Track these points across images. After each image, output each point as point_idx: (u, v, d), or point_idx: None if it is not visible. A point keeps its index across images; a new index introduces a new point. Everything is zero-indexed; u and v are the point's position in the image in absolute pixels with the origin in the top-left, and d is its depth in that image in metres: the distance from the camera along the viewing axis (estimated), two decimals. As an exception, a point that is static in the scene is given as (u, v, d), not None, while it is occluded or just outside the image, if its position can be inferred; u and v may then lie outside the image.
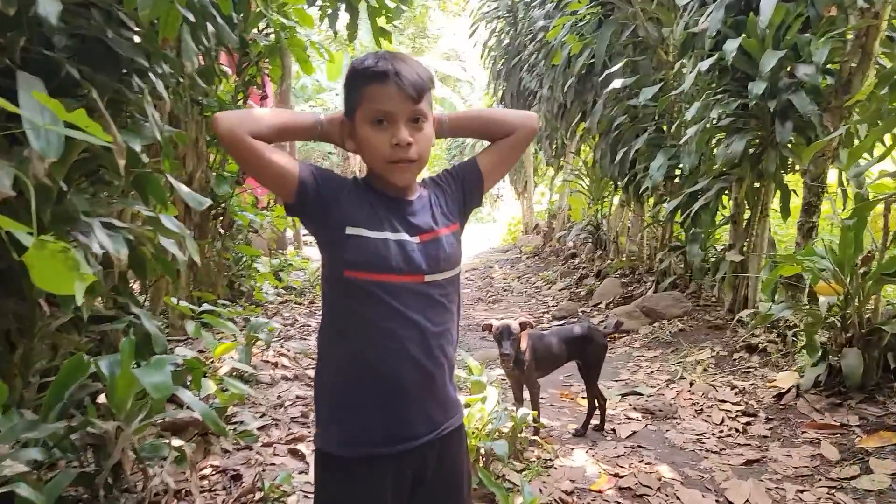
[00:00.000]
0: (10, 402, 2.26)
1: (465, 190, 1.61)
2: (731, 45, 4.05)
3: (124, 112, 2.94)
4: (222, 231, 5.85)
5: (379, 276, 1.39)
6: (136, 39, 2.79)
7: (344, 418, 1.43)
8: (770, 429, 3.53)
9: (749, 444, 3.37)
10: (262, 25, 5.64)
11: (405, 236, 1.43)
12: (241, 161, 1.38)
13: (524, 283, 9.40)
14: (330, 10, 4.18)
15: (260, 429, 3.38)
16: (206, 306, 4.08)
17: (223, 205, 5.67)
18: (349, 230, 1.39)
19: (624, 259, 7.75)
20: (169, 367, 3.01)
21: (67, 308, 2.54)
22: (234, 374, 3.83)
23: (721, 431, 3.54)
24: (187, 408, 2.80)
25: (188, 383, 3.20)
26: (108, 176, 2.88)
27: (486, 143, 1.66)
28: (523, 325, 3.21)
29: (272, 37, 5.61)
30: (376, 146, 1.40)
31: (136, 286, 4.04)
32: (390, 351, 1.40)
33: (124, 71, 2.69)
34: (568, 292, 7.87)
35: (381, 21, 4.32)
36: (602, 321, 6.23)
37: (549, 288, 8.47)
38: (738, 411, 3.77)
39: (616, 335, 5.67)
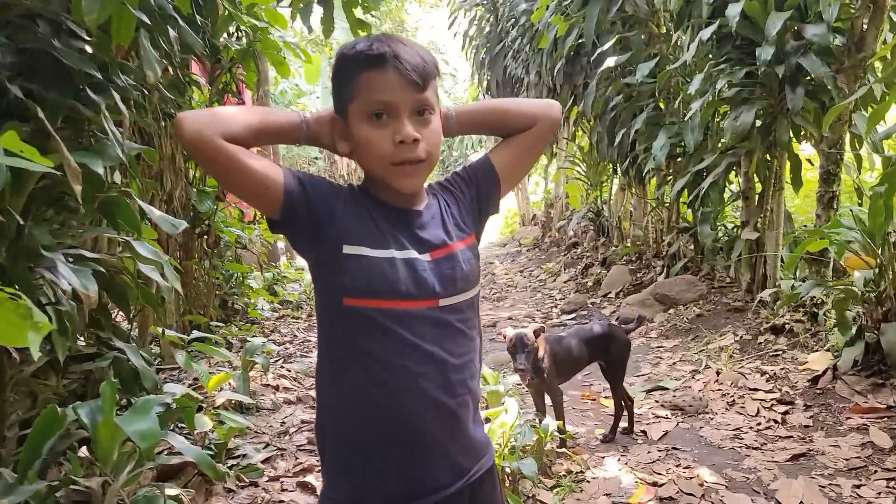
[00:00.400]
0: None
1: (479, 195, 1.35)
2: (734, 10, 3.79)
3: (86, 131, 2.67)
4: (209, 249, 5.57)
5: (386, 302, 1.15)
6: (90, 50, 2.52)
7: (355, 471, 1.20)
8: (811, 417, 3.28)
9: (791, 437, 3.12)
10: (232, 29, 5.36)
11: (414, 254, 1.20)
12: (212, 170, 1.13)
13: (527, 276, 9.15)
14: (302, 5, 3.90)
15: (265, 461, 3.12)
16: (196, 333, 3.81)
17: (207, 222, 5.39)
18: (347, 249, 1.15)
19: (629, 245, 7.49)
20: (157, 407, 2.76)
21: (37, 352, 2.26)
22: (232, 404, 3.58)
23: (758, 424, 3.29)
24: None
25: (181, 423, 2.94)
26: (74, 203, 2.61)
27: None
28: (537, 333, 2.96)
29: (244, 41, 5.33)
30: (376, 145, 1.16)
31: (123, 316, 3.77)
32: (404, 391, 1.17)
33: (81, 87, 2.42)
34: (574, 283, 7.62)
35: (359, 12, 4.05)
36: (614, 311, 5.99)
37: (554, 280, 8.22)
38: (773, 400, 3.52)
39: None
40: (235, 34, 5.42)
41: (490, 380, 3.68)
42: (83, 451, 2.37)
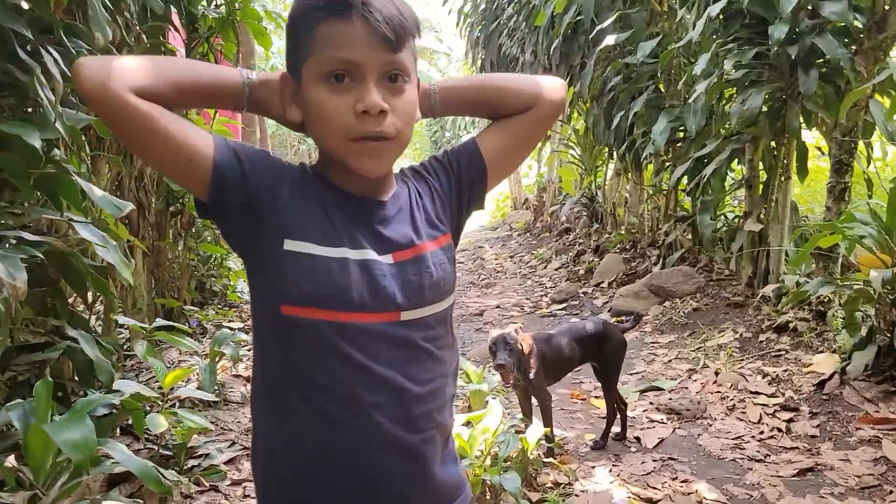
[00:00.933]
0: None
1: (461, 186, 1.10)
2: (747, -16, 3.51)
3: (31, 100, 2.38)
4: (183, 230, 5.29)
5: (332, 313, 0.92)
6: (26, 6, 2.23)
7: None
8: (817, 426, 3.06)
9: (797, 448, 2.90)
10: (211, -3, 5.04)
11: (372, 254, 0.96)
12: (121, 133, 0.88)
13: (517, 262, 8.90)
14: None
15: (228, 462, 2.88)
16: (159, 321, 3.54)
17: (182, 200, 5.10)
18: (289, 245, 0.92)
19: (623, 232, 7.25)
20: (102, 409, 2.51)
21: (-38, 350, 2.00)
22: (196, 400, 3.32)
23: (761, 433, 3.07)
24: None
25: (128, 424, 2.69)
26: (17, 181, 2.33)
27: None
28: (517, 331, 2.72)
29: (224, 9, 5.01)
30: (333, 114, 0.91)
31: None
32: (353, 427, 0.93)
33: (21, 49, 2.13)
34: (565, 271, 7.37)
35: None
36: (607, 302, 5.75)
37: (545, 267, 7.98)
38: (776, 405, 3.29)
39: (624, 319, 5.19)
40: (214, 2, 5.12)
41: (473, 377, 3.44)
42: (11, 460, 2.12)
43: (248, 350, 4.67)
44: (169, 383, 2.84)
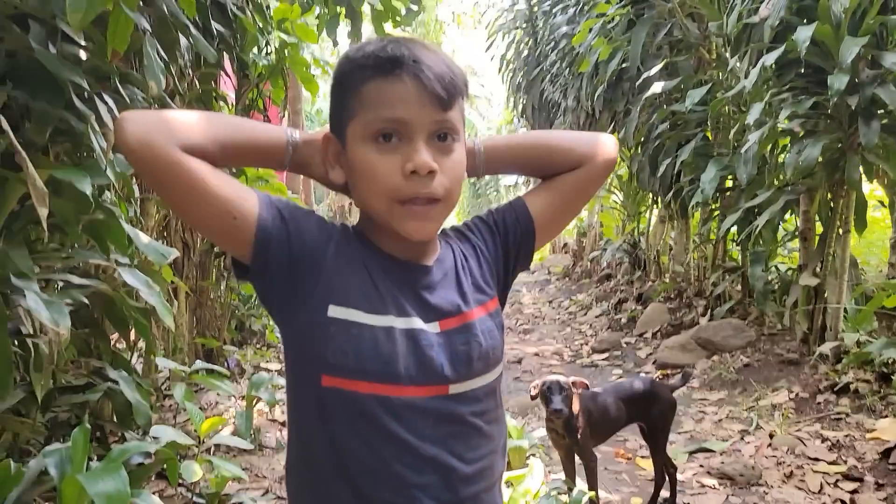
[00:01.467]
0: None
1: (508, 248, 1.05)
2: (804, 34, 3.42)
3: (83, 146, 2.42)
4: (226, 271, 5.33)
5: (378, 386, 0.87)
6: (84, 57, 2.27)
7: None
8: (884, 500, 2.85)
9: (863, 523, 2.71)
10: (262, 44, 5.16)
11: (419, 323, 0.90)
12: (165, 190, 0.84)
13: (556, 308, 8.76)
14: (329, 17, 3.64)
15: (262, 512, 2.81)
16: (199, 363, 3.53)
17: (226, 241, 5.15)
18: (333, 311, 0.86)
19: (668, 281, 7.07)
20: (137, 458, 2.48)
21: (5, 390, 1.99)
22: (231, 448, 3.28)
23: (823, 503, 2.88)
24: None
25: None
26: (67, 227, 2.36)
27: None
28: (577, 384, 2.59)
29: (273, 56, 5.12)
30: (380, 175, 0.86)
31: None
32: None
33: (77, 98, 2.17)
34: (606, 319, 7.21)
35: (388, 27, 3.78)
36: (651, 353, 5.57)
37: (585, 314, 7.82)
38: (837, 474, 3.09)
39: (670, 373, 5.01)
40: (265, 49, 5.24)
41: (513, 432, 3.32)
42: (45, 508, 2.08)
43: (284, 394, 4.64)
44: (205, 431, 2.80)
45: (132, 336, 2.91)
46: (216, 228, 0.86)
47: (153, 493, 2.38)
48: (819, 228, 4.43)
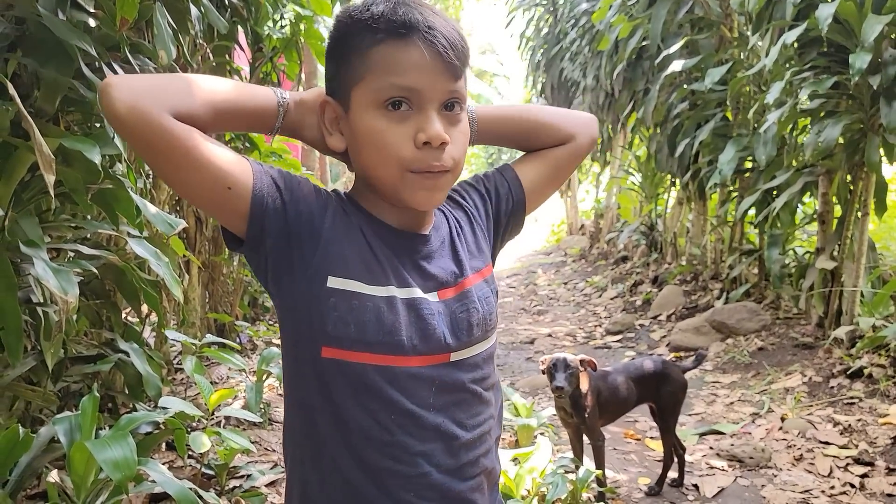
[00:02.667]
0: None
1: (499, 214, 1.04)
2: (826, 11, 3.34)
3: (93, 115, 2.42)
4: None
5: (381, 357, 0.86)
6: (93, 24, 2.27)
7: None
8: (895, 485, 2.82)
9: (872, 508, 2.68)
10: (277, 17, 5.13)
11: (419, 292, 0.89)
12: (155, 159, 0.80)
13: (571, 289, 8.71)
14: (343, -11, 3.60)
15: (269, 485, 2.84)
16: (210, 337, 3.56)
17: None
18: (333, 282, 0.85)
19: (684, 264, 7.00)
20: (146, 427, 2.51)
21: (16, 358, 2.02)
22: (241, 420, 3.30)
23: (832, 487, 2.85)
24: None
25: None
26: (75, 195, 2.37)
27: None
28: (585, 363, 2.57)
29: (287, 29, 5.08)
30: (391, 144, 0.84)
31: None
32: (401, 479, 0.87)
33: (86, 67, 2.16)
34: (621, 301, 7.16)
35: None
36: (665, 336, 5.54)
37: (600, 296, 7.78)
38: (848, 458, 3.06)
39: (683, 356, 4.98)
40: (279, 22, 5.20)
41: (522, 411, 3.32)
42: (53, 475, 2.11)
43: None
44: (214, 403, 2.82)
45: (144, 309, 2.93)
46: (210, 199, 0.83)
47: (163, 464, 2.41)
48: (838, 211, 4.35)
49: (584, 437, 2.75)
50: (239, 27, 4.16)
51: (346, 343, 0.84)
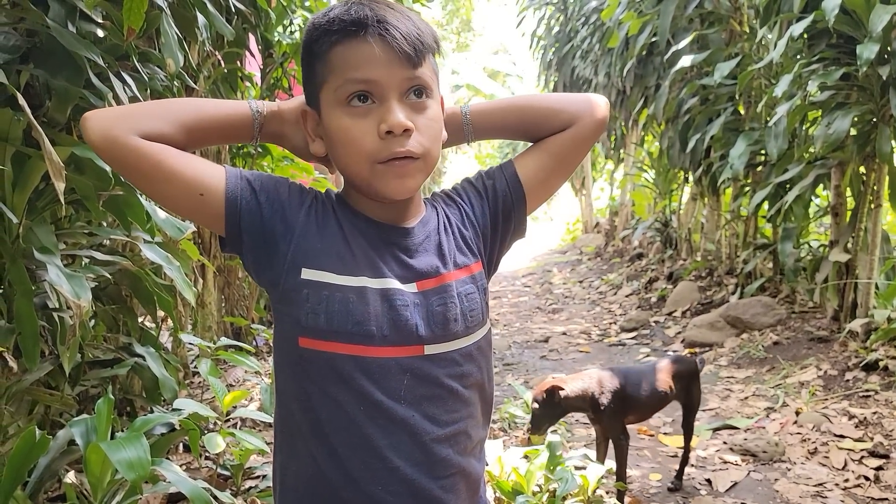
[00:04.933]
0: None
1: (497, 213, 1.03)
2: (833, 2, 3.32)
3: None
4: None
5: (351, 347, 0.88)
6: (101, 35, 2.32)
7: None
8: (911, 476, 2.80)
9: (887, 500, 2.66)
10: (286, 23, 5.18)
11: (394, 283, 0.91)
12: (131, 176, 0.89)
13: (587, 287, 8.70)
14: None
15: (282, 483, 2.87)
16: (225, 340, 3.61)
17: (253, 221, 5.22)
18: (306, 274, 0.89)
19: (699, 259, 6.97)
20: (160, 428, 2.55)
21: (32, 363, 2.07)
22: (255, 421, 3.35)
23: (846, 480, 2.83)
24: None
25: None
26: (87, 202, 2.42)
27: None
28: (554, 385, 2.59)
29: (297, 35, 5.14)
30: (357, 138, 0.87)
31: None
32: (370, 471, 0.88)
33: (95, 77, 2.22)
34: (636, 298, 7.14)
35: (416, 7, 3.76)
36: (680, 332, 5.52)
37: (615, 293, 7.75)
38: (863, 451, 3.04)
39: (698, 351, 4.96)
40: (289, 28, 5.25)
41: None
42: (71, 476, 2.17)
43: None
44: (228, 404, 2.86)
45: (160, 313, 2.99)
46: (186, 206, 0.89)
47: (180, 466, 2.46)
48: (851, 203, 4.32)
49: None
50: (249, 34, 4.21)
51: (318, 333, 0.87)
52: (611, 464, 2.69)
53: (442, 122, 0.95)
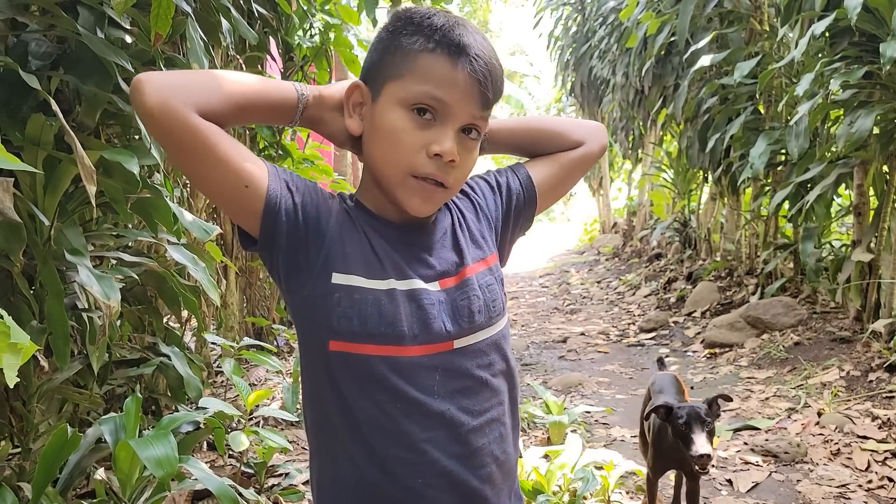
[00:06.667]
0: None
1: (510, 210, 1.08)
2: (855, 0, 3.29)
3: (132, 128, 2.52)
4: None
5: (383, 348, 0.90)
6: (129, 40, 2.36)
7: None
8: (935, 478, 2.78)
9: (911, 501, 2.64)
10: (306, 27, 5.23)
11: (419, 283, 0.93)
12: (179, 155, 0.85)
13: (604, 288, 8.67)
14: (368, -3, 3.66)
15: (307, 482, 2.91)
16: (247, 340, 3.66)
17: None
18: (337, 278, 0.90)
19: (719, 259, 6.92)
20: (187, 426, 2.59)
21: (63, 362, 2.11)
22: (277, 420, 3.40)
23: (869, 482, 2.81)
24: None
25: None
26: (116, 205, 2.47)
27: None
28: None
29: (317, 38, 5.18)
30: (405, 145, 0.89)
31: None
32: (409, 467, 0.90)
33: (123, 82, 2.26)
34: (655, 298, 7.11)
35: (426, 4, 3.79)
36: (699, 333, 5.49)
37: (633, 294, 7.73)
38: (886, 452, 3.02)
39: (717, 352, 4.94)
40: (309, 31, 5.30)
41: (553, 408, 3.35)
42: (101, 473, 2.21)
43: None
44: (252, 403, 2.91)
45: (185, 314, 3.04)
46: (228, 195, 0.88)
47: (205, 463, 2.50)
48: (874, 202, 4.28)
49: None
50: (270, 38, 4.26)
51: (350, 336, 0.89)
52: (632, 464, 2.70)
53: (474, 165, 0.99)
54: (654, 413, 2.11)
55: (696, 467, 1.93)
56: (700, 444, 1.90)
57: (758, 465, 3.05)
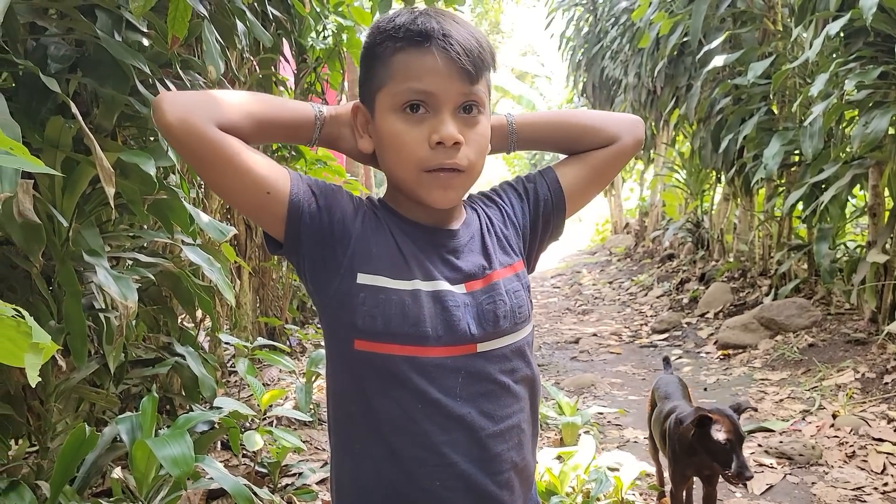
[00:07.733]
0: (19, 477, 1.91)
1: (538, 216, 1.06)
2: (869, 1, 3.27)
3: (148, 130, 2.55)
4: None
5: (407, 348, 0.90)
6: (147, 43, 2.39)
7: None
8: (952, 481, 2.75)
9: (927, 504, 2.62)
10: (319, 28, 5.26)
11: (445, 285, 0.93)
12: (201, 167, 0.88)
13: (616, 289, 8.65)
14: (381, -1, 3.68)
15: (320, 482, 2.93)
16: (261, 340, 3.68)
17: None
18: (362, 279, 0.91)
19: (732, 260, 6.89)
20: (202, 426, 2.61)
21: (81, 361, 2.13)
22: (291, 420, 3.41)
23: (885, 484, 2.79)
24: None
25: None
26: (133, 206, 2.49)
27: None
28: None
29: (330, 40, 5.21)
30: (407, 145, 0.90)
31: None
32: (428, 468, 0.90)
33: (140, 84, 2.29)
34: (668, 299, 7.08)
35: (441, 6, 3.80)
36: (712, 334, 5.46)
37: (646, 294, 7.70)
38: (902, 454, 3.00)
39: (731, 353, 4.92)
40: (322, 33, 5.33)
41: (566, 409, 3.34)
42: (117, 472, 2.23)
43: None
44: (266, 403, 2.93)
45: (199, 314, 3.06)
46: (252, 203, 0.91)
47: (220, 462, 2.52)
48: (889, 203, 4.25)
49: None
50: (283, 39, 4.29)
51: (374, 335, 0.90)
52: (644, 466, 2.69)
53: (489, 137, 0.97)
54: (693, 424, 1.96)
55: (736, 482, 1.89)
56: (745, 464, 1.82)
57: (772, 468, 3.04)
